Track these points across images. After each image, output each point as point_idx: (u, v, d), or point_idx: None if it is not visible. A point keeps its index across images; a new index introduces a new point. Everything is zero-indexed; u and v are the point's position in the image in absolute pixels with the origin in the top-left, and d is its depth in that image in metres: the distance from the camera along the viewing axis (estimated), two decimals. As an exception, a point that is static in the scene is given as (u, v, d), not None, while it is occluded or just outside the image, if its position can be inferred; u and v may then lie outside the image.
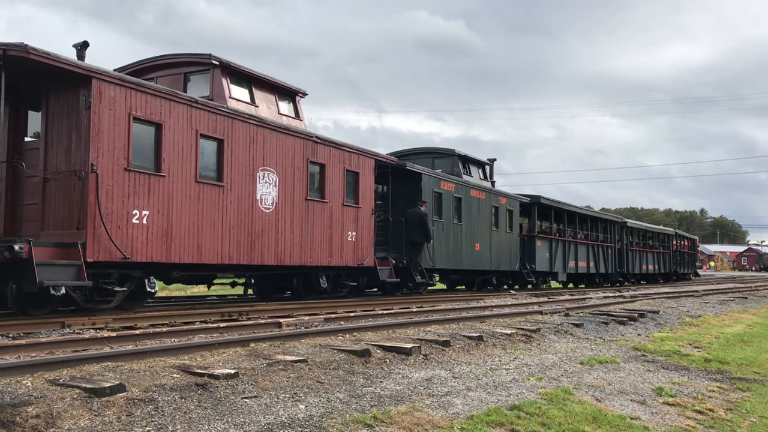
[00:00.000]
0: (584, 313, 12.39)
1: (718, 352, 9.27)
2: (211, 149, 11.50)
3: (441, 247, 18.45)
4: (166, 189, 10.61)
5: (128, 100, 10.04)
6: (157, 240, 10.45)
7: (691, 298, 19.11)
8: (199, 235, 11.17)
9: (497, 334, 8.73)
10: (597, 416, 5.51)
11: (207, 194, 11.36)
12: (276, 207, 12.83)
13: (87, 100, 9.54)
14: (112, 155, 9.80)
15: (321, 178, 14.17)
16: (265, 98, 13.21)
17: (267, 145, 12.63)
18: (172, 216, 10.69)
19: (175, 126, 10.76)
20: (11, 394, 4.30)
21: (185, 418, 4.32)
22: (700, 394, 6.79)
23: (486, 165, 22.75)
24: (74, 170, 9.62)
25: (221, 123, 11.64)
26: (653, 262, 37.88)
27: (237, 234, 11.92)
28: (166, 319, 9.94)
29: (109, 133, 9.75)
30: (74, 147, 9.75)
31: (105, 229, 9.61)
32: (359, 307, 13.06)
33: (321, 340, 7.29)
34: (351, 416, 4.71)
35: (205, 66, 12.34)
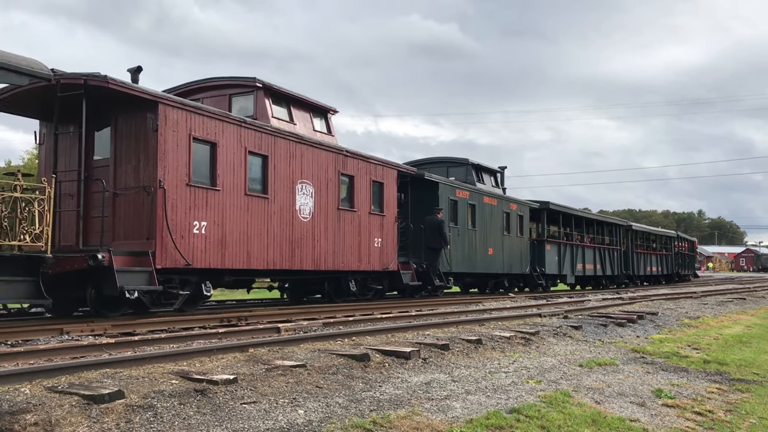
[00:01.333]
0: (583, 316, 12.40)
1: (717, 354, 9.27)
2: (257, 165, 12.55)
3: (457, 251, 19.28)
4: (220, 202, 11.65)
5: (188, 122, 11.08)
6: (214, 248, 11.47)
7: (689, 300, 19.12)
8: (248, 243, 12.19)
9: (496, 337, 8.73)
10: (596, 418, 5.51)
11: (254, 206, 12.39)
12: (312, 216, 13.87)
13: (154, 123, 10.54)
14: (176, 172, 10.81)
15: (350, 189, 15.18)
16: (301, 116, 14.33)
17: (304, 160, 13.67)
18: (225, 226, 11.72)
19: (227, 144, 11.81)
20: (9, 401, 4.29)
21: (184, 424, 4.32)
22: (700, 396, 6.80)
23: (497, 173, 23.79)
24: (143, 186, 10.59)
25: (266, 140, 12.70)
26: (656, 264, 38.67)
27: (280, 242, 12.93)
28: (164, 324, 9.93)
29: (173, 153, 10.76)
30: (142, 165, 10.71)
31: (171, 238, 10.62)
32: (358, 312, 13.06)
33: (320, 345, 7.28)
34: (350, 421, 4.71)
35: (249, 88, 13.41)
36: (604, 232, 31.78)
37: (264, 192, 12.59)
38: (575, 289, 28.51)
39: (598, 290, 28.28)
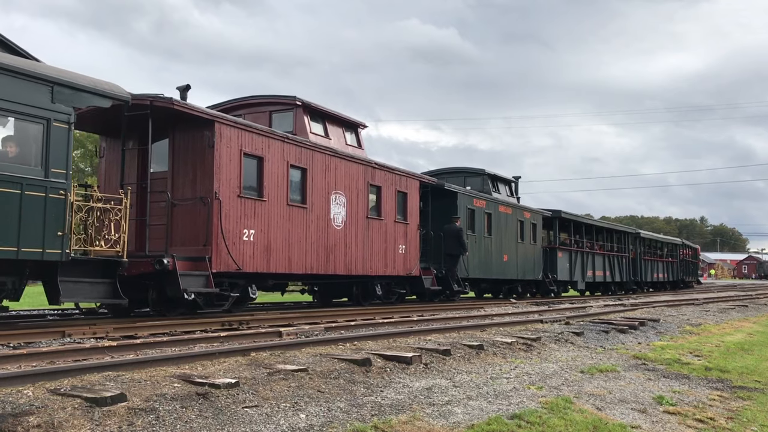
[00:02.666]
0: (584, 322, 12.39)
1: (718, 361, 9.26)
2: (297, 177, 13.61)
3: (474, 258, 20.16)
4: (266, 211, 12.65)
5: (239, 139, 12.09)
6: (260, 254, 12.44)
7: (691, 307, 19.10)
8: (289, 250, 13.19)
9: (498, 342, 8.73)
10: (598, 425, 5.51)
11: (295, 215, 13.41)
12: (345, 224, 14.87)
13: (211, 140, 11.53)
14: (229, 185, 11.81)
15: (378, 199, 16.23)
16: (335, 131, 15.36)
17: (338, 172, 14.71)
18: (270, 234, 12.71)
19: (272, 158, 12.82)
20: (12, 404, 4.31)
21: (186, 427, 4.33)
22: (701, 403, 6.79)
23: (512, 182, 24.62)
24: (200, 197, 11.51)
25: (305, 154, 13.72)
26: (663, 271, 39.49)
27: (317, 248, 13.95)
28: (166, 328, 9.95)
29: (226, 167, 11.76)
30: (199, 178, 11.68)
31: (225, 245, 11.60)
32: (360, 316, 13.07)
33: (321, 349, 7.29)
34: (352, 425, 4.72)
35: (289, 105, 14.44)
36: (613, 239, 32.63)
37: (303, 202, 13.63)
38: (584, 295, 29.12)
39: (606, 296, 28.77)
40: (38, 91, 8.83)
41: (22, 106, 8.66)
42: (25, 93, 8.67)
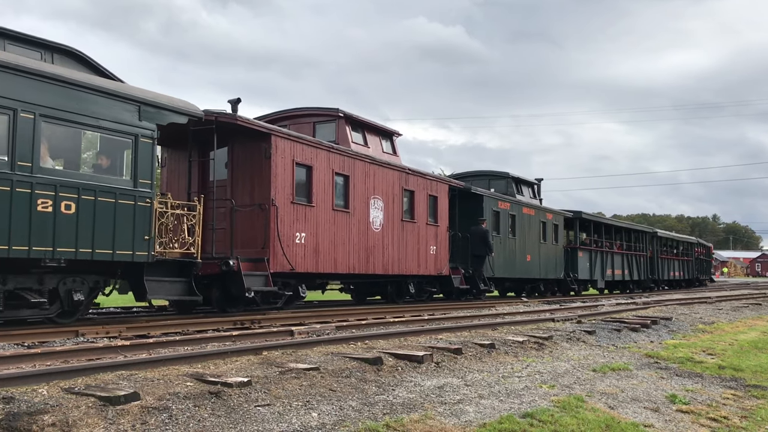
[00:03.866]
0: (596, 321, 12.35)
1: (732, 359, 9.20)
2: (341, 183, 14.61)
3: (498, 258, 20.88)
4: (314, 216, 13.66)
5: (292, 150, 13.13)
6: (310, 255, 13.47)
7: (704, 305, 18.98)
8: (335, 251, 14.20)
9: (509, 341, 8.71)
10: (610, 424, 5.49)
11: (339, 219, 14.42)
12: (382, 227, 15.89)
13: (268, 151, 12.57)
14: (284, 192, 12.84)
15: (411, 203, 17.20)
16: (373, 140, 16.42)
17: (376, 178, 15.74)
18: (318, 237, 13.73)
19: (319, 167, 13.84)
20: (27, 402, 4.35)
21: (199, 426, 4.35)
22: (715, 402, 6.75)
23: (534, 185, 25.42)
24: (259, 204, 12.57)
25: (347, 163, 14.72)
26: (679, 269, 40.37)
27: (358, 249, 14.95)
28: (178, 327, 10.00)
29: (281, 176, 12.79)
30: (257, 186, 12.73)
31: (281, 247, 12.62)
32: (371, 315, 13.09)
33: (333, 348, 7.30)
34: (364, 424, 4.72)
35: (332, 117, 15.48)
36: (631, 238, 33.29)
37: (346, 207, 14.65)
38: (604, 293, 29.76)
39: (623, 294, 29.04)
40: (128, 110, 9.92)
41: (116, 124, 9.76)
42: (118, 112, 9.77)
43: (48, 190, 8.90)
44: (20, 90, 8.69)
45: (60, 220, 8.99)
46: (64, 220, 9.04)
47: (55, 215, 8.94)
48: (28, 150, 8.71)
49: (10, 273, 8.93)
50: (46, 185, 8.89)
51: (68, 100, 9.20)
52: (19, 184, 8.59)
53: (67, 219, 9.07)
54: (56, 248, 8.95)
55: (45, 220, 8.84)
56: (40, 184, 8.82)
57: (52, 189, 8.94)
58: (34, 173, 8.77)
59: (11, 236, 8.48)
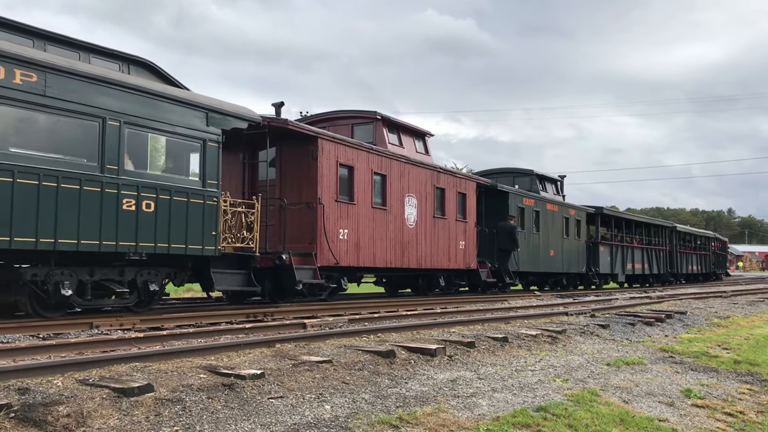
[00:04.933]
0: (610, 314, 12.28)
1: (747, 354, 9.12)
2: (379, 182, 15.50)
3: (523, 253, 21.57)
4: (356, 213, 14.53)
5: (336, 151, 14.01)
6: (352, 250, 14.35)
7: (719, 299, 18.84)
8: (374, 246, 15.08)
9: (522, 335, 8.68)
10: (624, 418, 5.45)
11: (377, 216, 15.32)
12: (416, 223, 16.75)
13: (315, 153, 13.46)
14: (329, 191, 13.73)
15: (442, 200, 17.98)
16: (407, 141, 17.33)
17: (410, 177, 16.57)
18: (359, 233, 14.60)
19: (360, 167, 14.72)
20: (43, 393, 4.37)
21: (212, 418, 4.36)
22: (730, 396, 6.70)
23: (557, 181, 26.35)
24: (306, 202, 13.47)
25: (385, 163, 15.62)
26: (696, 263, 40.98)
27: (394, 244, 15.83)
28: (192, 319, 10.04)
29: (327, 176, 13.67)
30: (304, 186, 13.60)
31: (327, 243, 13.54)
32: (383, 308, 13.09)
33: (345, 341, 7.30)
34: (376, 417, 4.72)
35: (370, 119, 16.43)
36: (651, 233, 33.88)
37: (384, 204, 15.54)
38: (623, 287, 30.05)
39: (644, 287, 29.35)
40: (197, 117, 10.93)
41: (187, 130, 10.75)
42: (189, 119, 10.79)
43: (131, 190, 9.88)
44: (108, 100, 9.67)
45: (141, 217, 9.98)
46: (145, 218, 10.04)
47: (137, 213, 9.93)
48: (114, 155, 9.69)
49: (97, 266, 9.95)
50: (130, 186, 9.87)
51: (147, 108, 10.19)
52: (107, 185, 9.59)
53: (147, 217, 10.08)
54: (138, 243, 9.91)
55: (129, 217, 9.82)
56: (125, 186, 9.81)
57: (135, 190, 9.92)
58: (120, 176, 9.75)
59: (102, 233, 9.45)
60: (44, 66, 8.96)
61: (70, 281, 9.53)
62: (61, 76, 9.16)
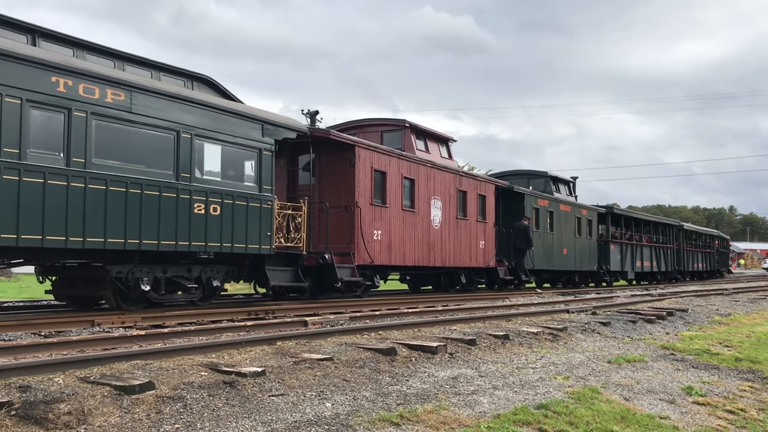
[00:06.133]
0: (611, 312, 12.27)
1: (749, 351, 9.12)
2: (408, 186, 16.42)
3: (538, 251, 22.36)
4: (388, 216, 15.48)
5: (371, 158, 14.96)
6: (385, 250, 15.31)
7: (720, 297, 18.83)
8: (403, 246, 16.02)
9: (523, 332, 8.68)
10: (625, 415, 5.45)
11: (407, 218, 16.23)
12: (441, 224, 17.60)
13: (352, 160, 14.41)
14: (365, 195, 14.69)
15: (464, 202, 18.88)
16: (433, 146, 18.23)
17: (436, 181, 17.47)
18: (391, 234, 15.54)
19: (391, 172, 15.66)
20: (44, 391, 4.38)
21: (213, 415, 4.37)
22: (731, 394, 6.70)
23: (570, 183, 27.21)
24: (345, 206, 14.40)
25: (413, 168, 16.57)
26: (702, 261, 41.76)
27: (421, 245, 16.73)
28: (193, 317, 10.04)
29: (363, 181, 14.64)
30: (342, 190, 14.50)
31: (363, 243, 14.47)
32: (384, 306, 13.09)
33: (347, 339, 7.30)
34: (377, 414, 4.72)
35: (399, 127, 17.41)
36: (659, 231, 34.55)
37: (412, 207, 16.43)
38: (632, 284, 30.73)
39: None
40: (254, 128, 12.05)
41: (246, 140, 11.90)
42: (247, 130, 11.91)
43: (201, 195, 10.99)
44: (181, 115, 10.76)
45: (210, 220, 11.11)
46: (213, 220, 11.16)
47: (206, 216, 11.06)
48: (187, 164, 10.78)
49: (169, 264, 11.05)
50: (200, 192, 10.98)
51: (213, 121, 11.31)
52: (182, 192, 10.69)
53: (214, 219, 11.20)
54: (207, 243, 11.04)
55: (200, 220, 10.94)
56: (196, 191, 10.91)
57: (204, 195, 11.04)
58: (191, 183, 10.85)
59: (177, 234, 10.55)
60: (130, 85, 10.03)
61: (148, 277, 10.61)
62: (144, 95, 10.24)
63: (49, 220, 8.96)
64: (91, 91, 9.56)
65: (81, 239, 9.33)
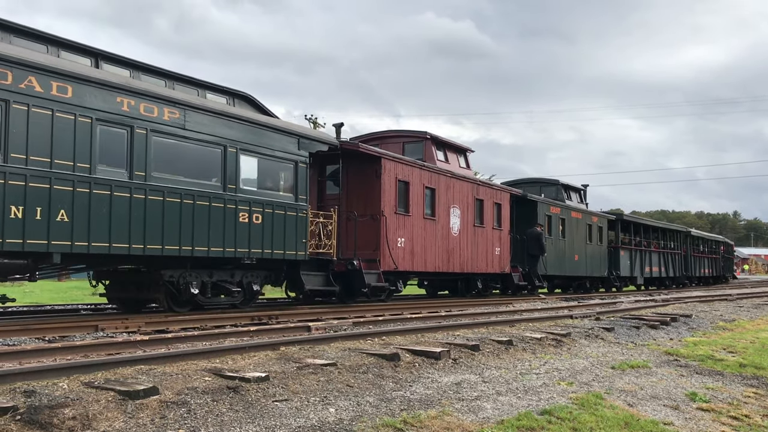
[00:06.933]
0: (615, 317, 12.25)
1: (753, 357, 9.09)
2: (429, 195, 17.16)
3: (550, 258, 23.01)
4: (410, 224, 16.24)
5: (395, 169, 15.77)
6: (408, 256, 16.08)
7: (724, 302, 18.78)
8: (425, 253, 16.77)
9: (527, 338, 8.67)
10: (629, 421, 5.44)
11: (428, 226, 16.95)
12: (459, 232, 18.35)
13: (378, 171, 15.23)
14: (390, 204, 15.47)
15: (481, 210, 19.63)
16: (452, 157, 19.01)
17: (455, 190, 18.23)
18: (413, 241, 16.33)
19: (414, 182, 16.43)
20: (48, 396, 4.39)
21: (217, 420, 4.37)
22: (736, 400, 6.68)
23: (581, 190, 27.88)
24: (371, 214, 15.16)
25: (434, 178, 17.30)
26: (708, 267, 42.77)
27: (441, 251, 17.45)
28: (197, 322, 10.06)
29: (388, 191, 15.42)
30: (369, 200, 15.30)
31: (389, 250, 15.28)
32: (388, 311, 13.09)
33: (350, 344, 7.31)
34: (381, 420, 4.72)
35: (420, 138, 18.14)
36: (667, 237, 35.35)
37: (433, 215, 17.15)
38: (641, 289, 31.22)
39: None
40: (291, 142, 12.96)
41: (284, 153, 12.80)
42: (284, 144, 12.83)
43: (245, 205, 11.88)
44: (227, 131, 11.66)
45: (252, 228, 11.97)
46: (255, 228, 12.02)
47: (249, 224, 11.92)
48: (233, 176, 11.70)
49: (214, 269, 11.91)
50: (244, 202, 11.87)
51: (255, 136, 12.20)
52: (228, 202, 11.58)
53: (257, 227, 12.06)
54: (251, 249, 11.90)
55: (244, 228, 11.82)
56: (241, 202, 11.81)
57: (247, 204, 11.93)
58: (237, 193, 11.75)
59: (224, 241, 11.43)
60: (184, 104, 10.94)
61: (197, 282, 11.53)
62: (195, 112, 11.13)
63: (115, 230, 9.81)
64: (151, 110, 10.44)
65: (142, 246, 10.18)
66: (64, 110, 9.32)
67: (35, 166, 8.98)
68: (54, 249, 9.16)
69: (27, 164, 8.90)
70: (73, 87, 9.40)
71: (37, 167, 9.00)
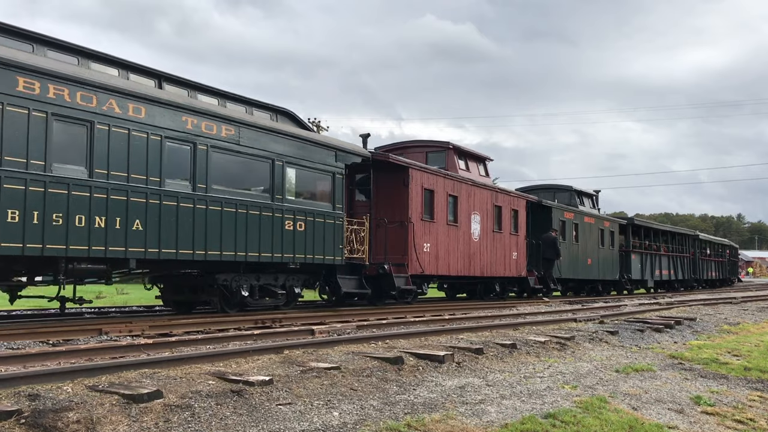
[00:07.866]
0: (619, 321, 12.23)
1: (758, 360, 9.06)
2: (452, 203, 17.90)
3: (565, 261, 23.59)
4: (435, 230, 16.94)
5: (421, 178, 16.50)
6: (433, 261, 16.81)
7: (728, 305, 18.73)
8: (448, 257, 17.48)
9: (531, 341, 8.66)
10: (633, 425, 5.43)
11: (451, 231, 17.66)
12: (480, 237, 19.11)
13: (406, 181, 15.96)
14: (416, 211, 16.21)
15: (499, 216, 20.35)
16: (472, 165, 19.73)
17: (475, 197, 18.97)
18: (438, 246, 17.02)
19: (438, 190, 17.15)
20: (53, 399, 4.40)
21: (221, 424, 4.37)
22: (740, 403, 6.66)
23: (593, 196, 28.61)
24: (399, 221, 15.82)
25: (456, 186, 18.04)
26: (715, 270, 43.51)
27: (463, 256, 18.21)
28: (200, 326, 10.06)
29: (415, 199, 16.18)
30: (397, 207, 15.97)
31: (416, 255, 16.01)
32: (391, 315, 13.08)
33: (354, 348, 7.30)
34: (385, 423, 4.72)
35: (443, 148, 18.86)
36: (676, 241, 35.99)
37: (455, 222, 17.86)
38: (650, 292, 31.46)
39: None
40: (329, 155, 13.87)
41: (323, 165, 13.72)
42: (324, 157, 13.74)
43: (290, 214, 12.76)
44: (275, 145, 12.57)
45: (297, 235, 12.87)
46: (299, 235, 12.92)
47: (294, 232, 12.81)
48: (280, 187, 12.63)
49: (261, 273, 12.77)
50: (289, 211, 12.76)
51: (299, 150, 13.12)
52: (276, 211, 12.49)
53: (300, 234, 12.94)
54: (295, 255, 12.79)
55: (289, 235, 12.71)
56: (287, 211, 12.71)
57: (292, 213, 12.81)
58: (283, 203, 12.67)
59: (272, 247, 12.30)
60: (238, 122, 11.88)
61: (246, 285, 12.40)
62: (248, 129, 12.04)
63: (181, 237, 10.71)
64: (210, 127, 11.38)
65: (203, 252, 11.09)
66: (139, 129, 10.22)
67: (115, 180, 9.87)
68: (130, 255, 10.05)
69: (108, 179, 9.77)
70: (146, 108, 10.31)
71: (116, 181, 9.88)
